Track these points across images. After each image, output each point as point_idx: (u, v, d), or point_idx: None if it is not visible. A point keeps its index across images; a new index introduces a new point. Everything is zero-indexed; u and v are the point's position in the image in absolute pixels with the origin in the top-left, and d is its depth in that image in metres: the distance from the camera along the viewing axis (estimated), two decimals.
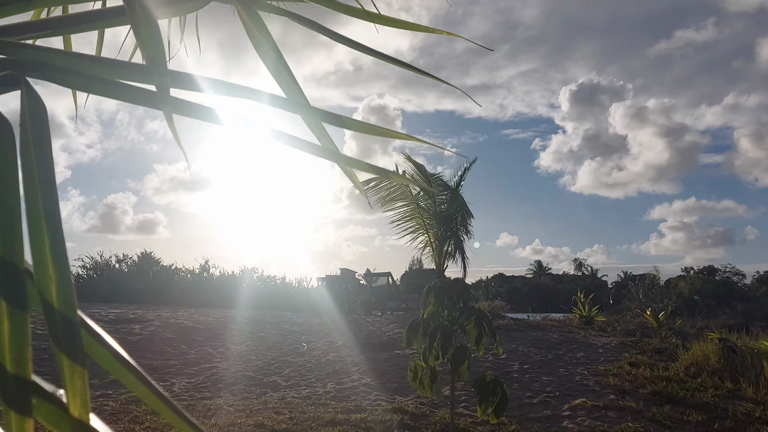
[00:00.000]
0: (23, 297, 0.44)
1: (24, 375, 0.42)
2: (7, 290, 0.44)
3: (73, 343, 0.43)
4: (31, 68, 0.57)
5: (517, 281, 71.45)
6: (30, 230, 0.46)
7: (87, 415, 0.42)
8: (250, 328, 11.96)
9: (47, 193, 0.48)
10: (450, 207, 13.27)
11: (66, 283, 0.45)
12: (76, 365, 0.42)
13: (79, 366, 0.42)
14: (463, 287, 4.04)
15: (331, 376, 8.10)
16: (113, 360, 0.48)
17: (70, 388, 0.42)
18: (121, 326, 10.53)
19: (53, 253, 0.46)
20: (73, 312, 0.44)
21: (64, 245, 0.46)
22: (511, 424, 5.80)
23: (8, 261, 0.45)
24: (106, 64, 0.58)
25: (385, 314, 18.81)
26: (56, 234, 0.46)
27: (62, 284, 0.45)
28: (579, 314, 15.54)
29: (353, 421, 5.68)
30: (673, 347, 10.48)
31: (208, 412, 5.96)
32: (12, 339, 0.43)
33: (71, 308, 0.45)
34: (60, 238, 0.46)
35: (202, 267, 21.09)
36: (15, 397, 0.41)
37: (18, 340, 0.43)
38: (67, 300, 0.45)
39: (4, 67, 0.57)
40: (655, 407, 6.56)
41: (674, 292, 32.71)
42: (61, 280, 0.45)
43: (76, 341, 0.43)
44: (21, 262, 0.45)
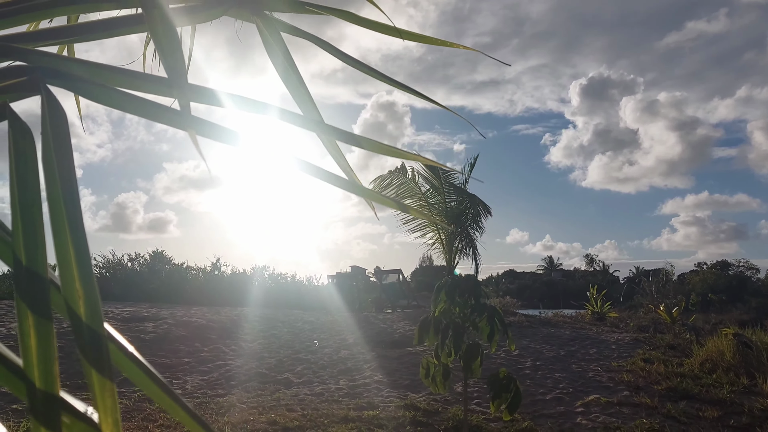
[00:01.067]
0: (48, 308, 0.44)
1: (52, 390, 0.42)
2: (32, 301, 0.44)
3: (101, 359, 0.43)
4: (51, 75, 0.57)
5: (527, 277, 71.17)
6: (55, 241, 0.46)
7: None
8: (262, 326, 12.02)
9: (70, 201, 0.48)
10: (460, 204, 13.25)
11: (93, 298, 0.45)
12: (106, 382, 0.42)
13: (109, 383, 0.43)
14: (474, 284, 4.03)
15: (343, 373, 8.12)
16: (125, 359, 0.48)
17: (101, 406, 0.42)
18: (135, 324, 10.62)
19: (79, 267, 0.46)
20: (101, 327, 0.45)
21: (89, 257, 0.46)
22: (524, 420, 5.78)
23: (33, 271, 0.45)
24: (128, 76, 0.58)
25: (395, 312, 18.82)
26: (81, 244, 0.46)
27: (89, 300, 0.45)
28: (591, 310, 15.47)
29: (366, 418, 5.70)
30: (687, 343, 10.40)
31: (221, 409, 6.00)
32: (39, 352, 0.43)
33: (98, 324, 0.45)
34: (85, 249, 0.46)
35: (214, 265, 21.20)
36: (44, 413, 0.41)
37: (45, 354, 0.43)
38: (95, 316, 0.45)
39: (24, 73, 0.57)
40: (670, 403, 6.52)
41: (688, 287, 32.47)
42: (88, 296, 0.45)
43: (104, 357, 0.43)
44: (45, 272, 0.46)
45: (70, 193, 0.48)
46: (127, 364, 0.48)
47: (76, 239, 0.46)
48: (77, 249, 0.46)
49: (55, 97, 0.53)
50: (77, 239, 0.46)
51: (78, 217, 0.48)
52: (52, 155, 0.49)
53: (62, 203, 0.47)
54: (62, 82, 0.58)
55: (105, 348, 0.44)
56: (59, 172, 0.49)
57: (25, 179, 0.49)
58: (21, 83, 0.57)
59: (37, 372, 0.42)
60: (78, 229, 0.47)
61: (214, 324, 11.50)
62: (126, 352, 0.48)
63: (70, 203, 0.48)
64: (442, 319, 3.93)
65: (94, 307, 0.44)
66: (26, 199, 0.48)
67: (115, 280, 18.96)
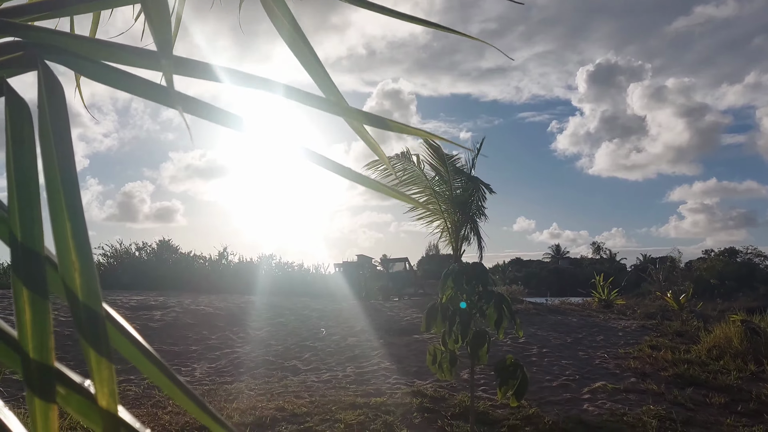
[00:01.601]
0: (44, 284, 0.43)
1: (47, 362, 0.41)
2: (27, 278, 0.43)
3: (97, 332, 0.42)
4: (48, 51, 0.56)
5: (534, 265, 71.13)
6: (52, 216, 0.45)
7: (115, 405, 0.42)
8: (269, 313, 12.07)
9: (67, 177, 0.47)
10: (465, 191, 13.22)
11: (89, 270, 0.44)
12: (102, 356, 0.42)
13: (105, 356, 0.42)
14: (481, 271, 4.02)
15: (350, 360, 8.15)
16: (131, 347, 0.47)
17: (97, 378, 0.41)
18: (143, 313, 10.69)
19: (75, 240, 0.45)
20: (98, 301, 0.44)
21: (86, 232, 0.45)
22: (531, 407, 5.79)
23: (28, 248, 0.44)
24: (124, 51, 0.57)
25: (402, 300, 18.86)
26: (78, 220, 0.45)
27: (85, 272, 0.44)
28: (598, 298, 15.43)
29: (373, 405, 5.72)
30: (694, 330, 10.37)
31: (230, 396, 6.04)
32: (34, 327, 0.42)
33: (95, 297, 0.44)
34: (82, 225, 0.45)
35: (221, 254, 21.28)
36: (38, 383, 0.41)
37: (40, 328, 0.42)
38: (91, 288, 0.44)
39: (21, 48, 0.56)
40: (677, 390, 6.51)
41: (696, 275, 32.34)
42: (85, 268, 0.44)
43: (101, 330, 0.42)
44: (41, 248, 0.45)
45: (67, 167, 0.47)
46: (133, 352, 0.47)
47: (73, 213, 0.45)
48: (74, 222, 0.45)
49: (52, 72, 0.52)
50: (74, 213, 0.45)
51: (75, 191, 0.47)
52: (49, 129, 0.48)
53: (59, 178, 0.46)
54: (59, 57, 0.57)
55: (102, 321, 0.43)
56: (56, 146, 0.48)
57: (22, 155, 0.47)
58: (17, 58, 0.55)
59: (32, 344, 0.42)
60: (75, 203, 0.46)
61: (221, 312, 11.56)
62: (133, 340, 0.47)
63: (67, 178, 0.47)
64: (449, 306, 3.92)
65: (91, 280, 0.43)
66: (23, 175, 0.47)
67: (122, 269, 19.06)
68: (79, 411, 0.43)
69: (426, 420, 5.39)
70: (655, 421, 5.43)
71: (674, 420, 5.49)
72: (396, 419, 5.31)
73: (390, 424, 5.15)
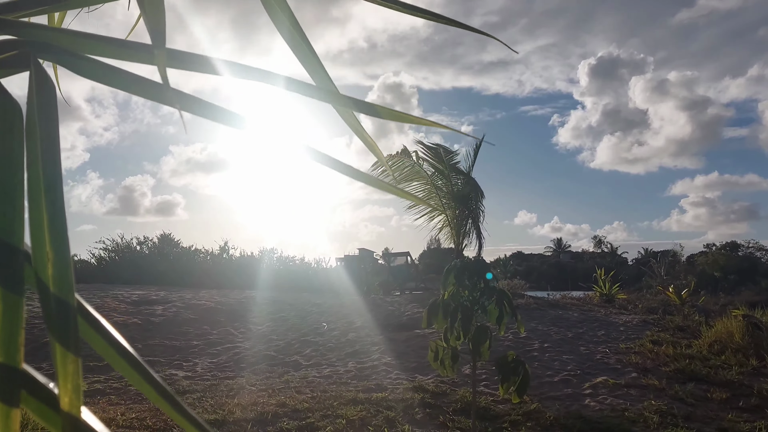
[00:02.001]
0: (19, 280, 0.42)
1: (13, 363, 0.39)
2: (1, 272, 0.41)
3: (67, 325, 0.41)
4: (40, 49, 0.55)
5: (536, 259, 71.16)
6: (30, 207, 0.44)
7: (78, 403, 0.40)
8: (271, 308, 12.08)
9: (50, 171, 0.45)
10: (465, 186, 13.20)
11: (63, 261, 0.42)
12: (68, 350, 0.40)
13: (72, 350, 0.40)
14: (483, 267, 4.00)
15: (351, 355, 8.16)
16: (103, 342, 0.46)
17: (61, 373, 0.39)
18: (144, 307, 10.70)
19: (51, 230, 0.43)
20: (70, 292, 0.42)
21: (65, 224, 0.44)
22: (532, 402, 5.79)
23: (5, 241, 0.43)
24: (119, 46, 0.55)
25: (403, 294, 18.87)
26: (56, 212, 0.44)
27: (59, 263, 0.42)
28: (599, 292, 15.42)
29: (374, 400, 5.72)
30: (696, 324, 10.36)
31: (231, 391, 6.05)
32: (4, 324, 0.40)
33: (68, 288, 0.42)
34: (60, 217, 0.44)
35: (222, 248, 21.30)
36: (2, 386, 0.39)
37: (10, 325, 0.40)
38: (64, 280, 0.42)
39: (14, 47, 0.55)
40: (678, 385, 6.50)
41: (698, 269, 32.31)
42: (59, 259, 0.42)
43: (71, 323, 0.41)
44: (20, 243, 0.43)
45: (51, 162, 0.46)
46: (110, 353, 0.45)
47: (52, 205, 0.44)
48: (51, 213, 0.43)
49: (45, 72, 0.51)
50: (53, 205, 0.44)
51: (57, 185, 0.45)
52: (36, 127, 0.47)
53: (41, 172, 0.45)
54: (52, 56, 0.56)
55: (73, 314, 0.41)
56: (42, 141, 0.47)
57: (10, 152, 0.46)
58: (10, 58, 0.54)
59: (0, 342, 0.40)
60: (56, 196, 0.44)
61: (222, 307, 11.57)
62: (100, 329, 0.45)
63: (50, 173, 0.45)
64: (451, 303, 3.91)
65: (64, 271, 0.42)
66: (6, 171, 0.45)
67: (124, 263, 19.08)
68: (40, 414, 0.41)
69: (427, 415, 5.39)
70: (656, 416, 5.43)
71: (675, 415, 5.49)
72: (397, 415, 5.31)
73: (391, 420, 5.15)
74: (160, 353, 7.82)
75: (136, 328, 9.02)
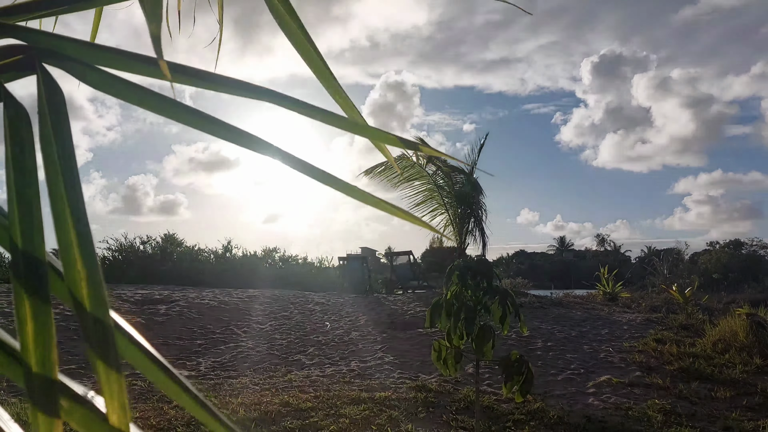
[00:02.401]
0: (46, 293, 0.42)
1: (50, 375, 0.40)
2: (29, 287, 0.42)
3: (106, 344, 0.41)
4: (47, 55, 0.55)
5: (538, 258, 71.06)
6: (55, 223, 0.44)
7: (126, 421, 0.40)
8: (274, 307, 12.10)
9: (70, 183, 0.46)
10: (467, 185, 13.20)
11: (96, 278, 0.43)
12: (111, 368, 0.40)
13: (115, 369, 0.41)
14: (486, 267, 4.00)
15: (354, 354, 8.16)
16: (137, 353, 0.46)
17: (107, 391, 0.40)
18: (148, 307, 10.72)
19: (81, 248, 0.43)
20: (105, 310, 0.43)
21: (92, 239, 0.44)
22: (536, 401, 5.79)
23: (29, 255, 0.43)
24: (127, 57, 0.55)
25: (406, 293, 18.86)
26: (82, 227, 0.44)
27: (92, 280, 0.43)
28: (602, 291, 15.38)
29: (377, 399, 5.72)
30: (699, 323, 10.34)
31: (234, 390, 6.06)
32: (36, 339, 0.41)
33: (103, 306, 0.43)
34: (87, 232, 0.44)
35: (225, 248, 21.32)
36: (42, 398, 0.40)
37: (43, 340, 0.41)
38: (98, 298, 0.43)
39: (19, 52, 0.55)
40: (682, 384, 6.50)
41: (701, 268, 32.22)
42: (92, 277, 0.43)
43: (110, 341, 0.41)
44: (43, 255, 0.44)
45: (70, 173, 0.46)
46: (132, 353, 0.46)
47: (78, 220, 0.44)
48: (79, 229, 0.44)
49: (52, 77, 0.51)
50: (78, 220, 0.44)
51: (79, 197, 0.46)
52: (51, 136, 0.47)
53: (62, 184, 0.45)
54: (58, 62, 0.56)
55: (110, 332, 0.42)
56: (59, 152, 0.46)
57: (22, 161, 0.47)
58: (16, 63, 0.54)
59: (35, 357, 0.40)
60: (79, 209, 0.45)
61: (225, 306, 11.59)
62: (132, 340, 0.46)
63: (70, 184, 0.46)
64: (454, 302, 3.91)
65: (98, 288, 0.42)
66: (22, 182, 0.46)
67: (127, 263, 19.12)
68: (82, 425, 0.42)
69: (431, 415, 5.39)
70: (660, 415, 5.43)
71: (679, 414, 5.49)
72: (401, 414, 5.31)
73: (395, 419, 5.16)
74: (164, 353, 7.84)
75: (140, 328, 9.02)
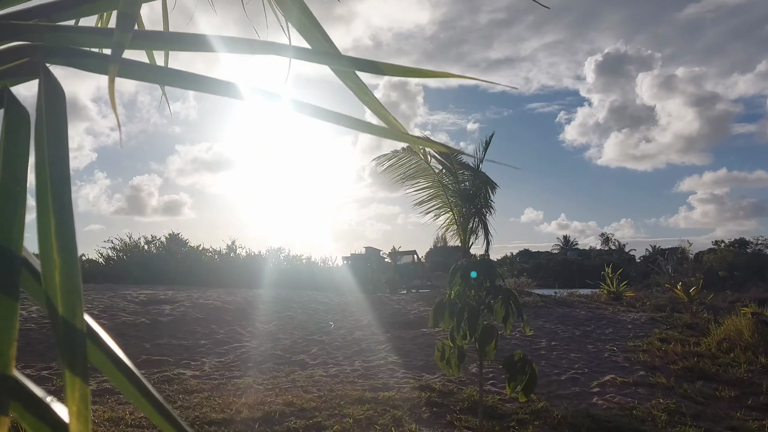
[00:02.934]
0: (15, 286, 0.42)
1: (4, 370, 0.39)
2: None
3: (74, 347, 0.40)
4: (50, 54, 0.55)
5: (542, 257, 70.97)
6: (38, 213, 0.44)
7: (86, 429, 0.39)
8: (277, 307, 12.11)
9: (58, 177, 0.46)
10: (473, 185, 13.16)
11: (71, 268, 0.42)
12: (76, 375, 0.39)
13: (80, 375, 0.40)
14: (489, 267, 3.99)
15: (357, 354, 8.16)
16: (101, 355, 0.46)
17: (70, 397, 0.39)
18: (152, 307, 10.74)
19: (59, 236, 0.43)
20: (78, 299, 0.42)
21: (74, 231, 0.43)
22: (540, 401, 5.78)
23: (3, 248, 0.43)
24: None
25: (410, 292, 18.86)
26: (65, 218, 0.44)
27: (66, 270, 0.42)
28: (607, 290, 15.35)
29: (381, 399, 5.72)
30: (704, 322, 10.30)
31: (238, 390, 6.06)
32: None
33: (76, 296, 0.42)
34: (69, 223, 0.44)
35: (229, 247, 21.34)
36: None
37: (3, 333, 0.40)
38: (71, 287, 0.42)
39: (23, 54, 0.55)
40: (687, 383, 6.47)
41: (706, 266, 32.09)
42: (66, 266, 0.42)
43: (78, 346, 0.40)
44: (18, 250, 0.43)
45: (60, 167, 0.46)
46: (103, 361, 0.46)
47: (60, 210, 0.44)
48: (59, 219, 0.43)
49: (54, 78, 0.52)
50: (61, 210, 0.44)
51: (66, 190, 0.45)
52: (44, 133, 0.47)
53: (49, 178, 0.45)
54: (62, 59, 0.57)
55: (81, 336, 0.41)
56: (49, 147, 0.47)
57: (15, 159, 0.47)
58: (20, 66, 0.55)
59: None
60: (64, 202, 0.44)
61: (229, 306, 11.60)
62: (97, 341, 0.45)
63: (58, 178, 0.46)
64: (457, 302, 3.90)
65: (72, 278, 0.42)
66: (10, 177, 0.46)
67: (132, 263, 19.16)
68: (34, 429, 0.41)
69: (434, 414, 5.39)
70: (664, 414, 5.41)
71: (684, 414, 5.47)
72: (404, 414, 5.31)
73: (398, 419, 5.15)
74: (168, 353, 7.85)
75: (145, 328, 9.06)
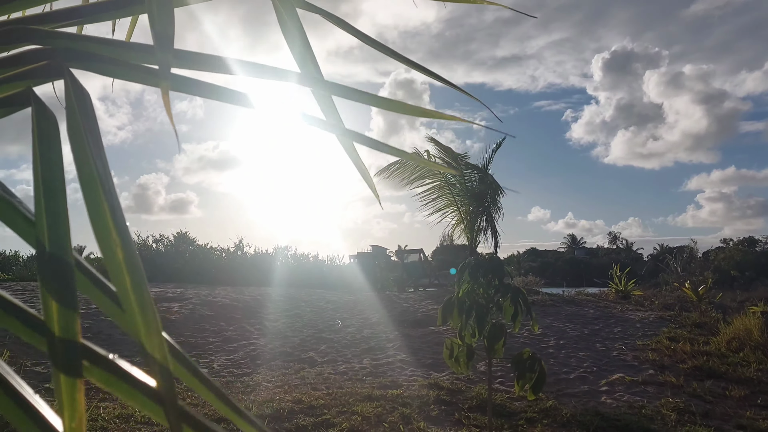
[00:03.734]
0: (73, 293, 0.44)
1: (73, 338, 0.43)
2: (55, 286, 0.44)
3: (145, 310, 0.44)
4: (71, 58, 0.57)
5: (550, 256, 70.75)
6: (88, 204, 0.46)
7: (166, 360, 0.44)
8: (286, 305, 12.14)
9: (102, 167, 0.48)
10: (481, 184, 13.14)
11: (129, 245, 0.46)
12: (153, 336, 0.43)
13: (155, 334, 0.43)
14: (498, 264, 4.00)
15: (366, 352, 8.18)
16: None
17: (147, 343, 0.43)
18: (161, 305, 10.80)
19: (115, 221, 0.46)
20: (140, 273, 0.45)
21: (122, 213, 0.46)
22: (548, 399, 5.77)
23: (56, 256, 0.45)
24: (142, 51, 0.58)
25: (417, 291, 18.86)
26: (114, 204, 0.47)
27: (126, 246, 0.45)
28: (615, 288, 15.29)
29: (390, 397, 5.74)
30: (713, 321, 10.25)
31: (247, 388, 6.09)
32: (60, 312, 0.43)
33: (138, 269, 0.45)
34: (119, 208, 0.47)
35: (237, 246, 21.41)
36: (64, 359, 0.42)
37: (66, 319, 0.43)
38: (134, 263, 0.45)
39: (45, 56, 0.56)
40: (696, 382, 6.45)
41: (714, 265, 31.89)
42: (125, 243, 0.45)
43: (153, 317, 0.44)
44: (69, 256, 0.46)
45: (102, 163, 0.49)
46: None
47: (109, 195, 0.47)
48: (110, 203, 0.46)
49: (77, 80, 0.53)
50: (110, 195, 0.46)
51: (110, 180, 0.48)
52: (83, 137, 0.49)
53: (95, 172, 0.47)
54: (82, 63, 0.58)
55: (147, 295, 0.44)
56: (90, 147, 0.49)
57: (50, 162, 0.49)
58: (43, 67, 0.56)
59: (58, 325, 0.43)
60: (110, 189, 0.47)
61: (238, 304, 11.65)
62: None
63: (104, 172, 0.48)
64: (465, 300, 3.91)
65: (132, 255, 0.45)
66: (50, 182, 0.48)
67: (141, 261, 19.26)
68: (103, 381, 0.45)
69: (443, 412, 5.39)
70: (673, 413, 5.39)
71: (693, 413, 5.45)
72: (413, 411, 5.32)
73: (407, 417, 5.16)
74: None
75: None
